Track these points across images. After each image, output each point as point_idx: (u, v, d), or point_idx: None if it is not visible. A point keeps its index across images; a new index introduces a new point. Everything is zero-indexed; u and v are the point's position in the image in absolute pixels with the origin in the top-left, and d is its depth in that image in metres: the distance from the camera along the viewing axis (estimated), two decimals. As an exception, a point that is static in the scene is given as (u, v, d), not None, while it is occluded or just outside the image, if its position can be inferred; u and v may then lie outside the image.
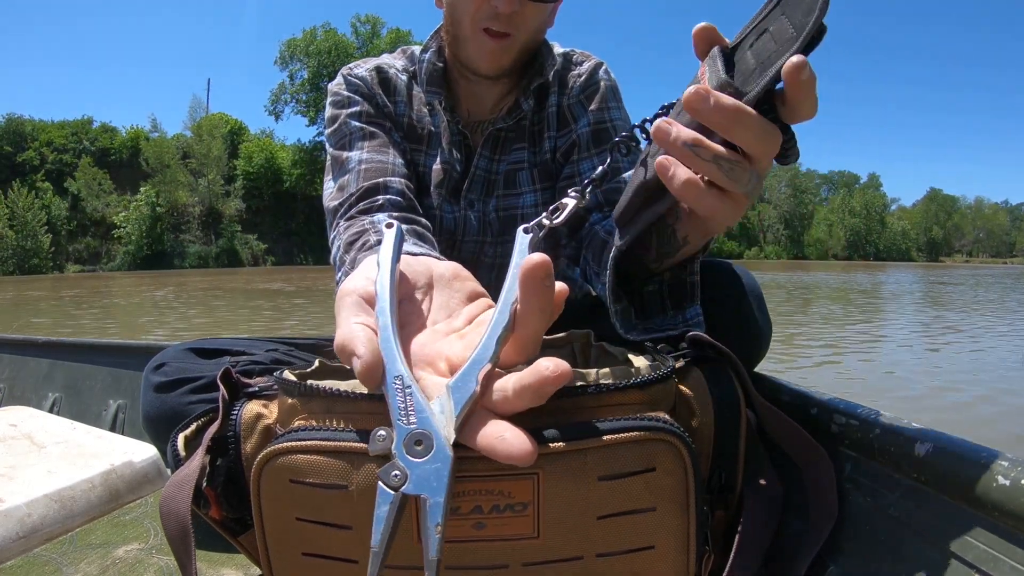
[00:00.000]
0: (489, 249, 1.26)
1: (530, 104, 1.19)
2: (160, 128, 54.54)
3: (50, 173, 49.20)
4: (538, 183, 1.23)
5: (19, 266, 41.78)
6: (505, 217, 1.24)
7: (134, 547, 1.19)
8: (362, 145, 1.14)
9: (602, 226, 1.05)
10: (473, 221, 1.24)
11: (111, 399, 2.04)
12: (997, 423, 4.28)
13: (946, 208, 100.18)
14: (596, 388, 0.57)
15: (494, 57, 1.10)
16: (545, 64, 1.18)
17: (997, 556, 0.57)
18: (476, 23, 1.07)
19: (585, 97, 1.22)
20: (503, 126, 1.20)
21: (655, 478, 0.57)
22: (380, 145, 1.15)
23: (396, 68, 1.26)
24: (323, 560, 0.56)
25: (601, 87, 1.22)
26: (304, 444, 0.54)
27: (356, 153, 1.13)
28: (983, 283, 25.36)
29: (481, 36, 1.07)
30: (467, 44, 1.11)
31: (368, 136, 1.16)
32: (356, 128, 1.16)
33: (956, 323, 10.45)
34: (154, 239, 47.21)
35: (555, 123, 1.23)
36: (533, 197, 1.23)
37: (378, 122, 1.18)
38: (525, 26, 1.08)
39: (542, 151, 1.24)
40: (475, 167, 1.22)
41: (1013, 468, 0.56)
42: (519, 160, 1.23)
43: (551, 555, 0.55)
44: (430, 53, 1.20)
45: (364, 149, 1.13)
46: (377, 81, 1.23)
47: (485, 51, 1.09)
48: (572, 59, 1.26)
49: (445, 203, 1.22)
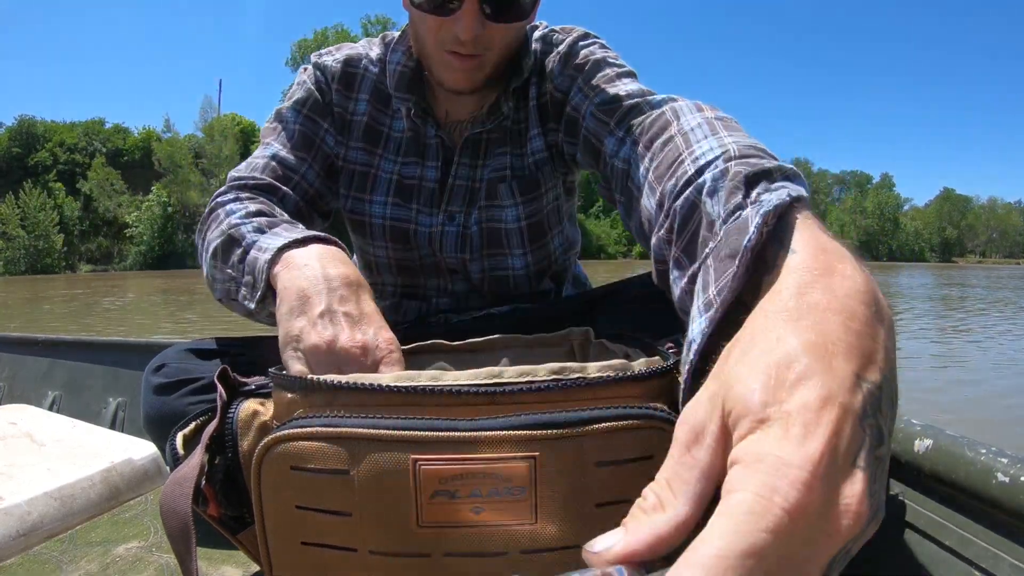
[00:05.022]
0: (473, 265, 1.20)
1: (510, 106, 1.12)
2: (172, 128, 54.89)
3: (62, 173, 49.72)
4: (519, 196, 1.16)
5: (31, 266, 42.22)
6: (488, 230, 1.17)
7: (134, 545, 1.19)
8: (288, 139, 1.13)
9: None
10: (451, 235, 1.17)
11: (111, 397, 2.05)
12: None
13: (959, 208, 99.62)
14: (593, 381, 0.57)
15: (463, 77, 1.02)
16: (523, 63, 1.10)
17: (997, 553, 0.57)
18: (439, 45, 0.99)
19: (572, 69, 1.07)
20: (482, 129, 1.13)
21: (653, 466, 0.56)
22: (301, 149, 1.12)
23: (369, 59, 1.19)
24: (322, 549, 0.56)
25: (581, 53, 1.08)
26: (306, 431, 0.55)
27: (277, 145, 1.12)
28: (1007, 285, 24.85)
29: (447, 57, 1.00)
30: (434, 65, 1.04)
31: (296, 134, 1.13)
32: (291, 119, 1.14)
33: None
34: (165, 239, 47.63)
35: (537, 118, 1.14)
36: (515, 211, 1.16)
37: (315, 119, 1.15)
38: (494, 45, 1.00)
39: (526, 154, 1.16)
40: (453, 176, 1.15)
41: (1012, 465, 0.56)
42: (501, 167, 1.16)
43: (549, 543, 0.55)
44: (399, 55, 1.13)
45: (286, 147, 1.12)
46: (340, 74, 1.17)
47: (453, 72, 1.02)
48: (552, 40, 1.14)
49: (422, 215, 1.17)
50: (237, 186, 1.04)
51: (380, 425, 0.54)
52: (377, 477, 0.53)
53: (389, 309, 1.29)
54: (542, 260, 1.22)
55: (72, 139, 51.15)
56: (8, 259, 41.66)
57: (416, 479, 0.53)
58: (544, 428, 0.53)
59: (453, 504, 0.53)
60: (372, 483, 0.49)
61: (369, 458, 0.53)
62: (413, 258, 1.21)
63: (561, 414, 0.54)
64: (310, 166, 1.13)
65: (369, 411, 0.56)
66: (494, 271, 1.20)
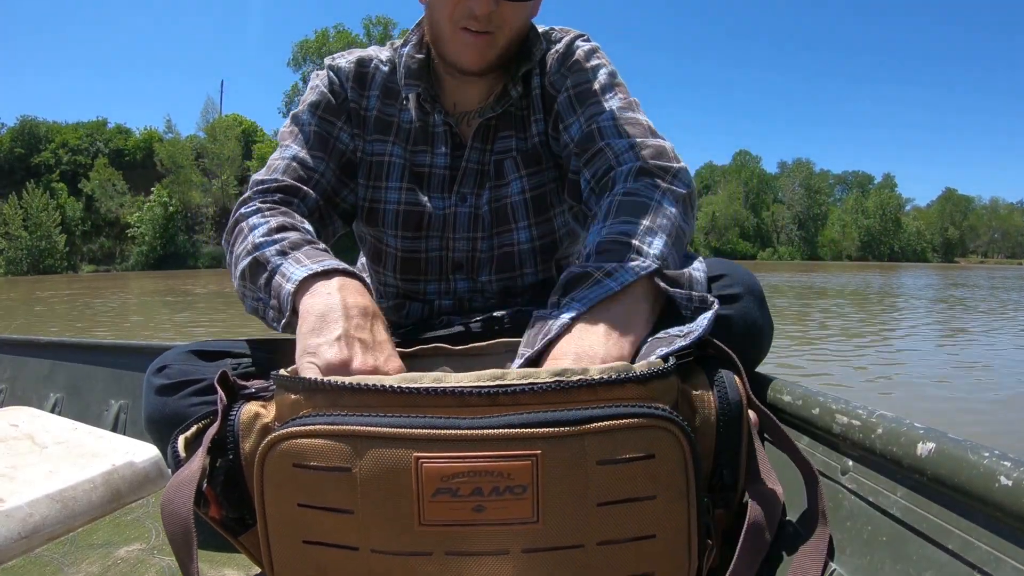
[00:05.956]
0: (483, 244, 1.24)
1: (518, 91, 1.19)
2: (174, 129, 54.87)
3: (65, 174, 49.73)
4: (523, 169, 1.21)
5: (33, 266, 42.26)
6: (497, 209, 1.22)
7: (135, 547, 1.19)
8: (305, 141, 1.18)
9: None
10: (463, 216, 1.22)
11: (112, 399, 2.05)
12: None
13: (961, 208, 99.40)
14: (595, 382, 0.58)
15: (476, 54, 1.08)
16: (532, 49, 1.17)
17: (1000, 557, 0.57)
18: (454, 23, 1.05)
19: (566, 69, 1.18)
20: (492, 115, 1.19)
21: (654, 465, 0.57)
22: (319, 149, 1.18)
23: (380, 59, 1.26)
24: (324, 548, 0.57)
25: (576, 54, 1.19)
26: (308, 429, 0.55)
27: (295, 147, 1.17)
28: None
29: (461, 34, 1.06)
30: (448, 43, 1.10)
31: (313, 135, 1.19)
32: (307, 121, 1.20)
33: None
34: (167, 239, 47.61)
35: (540, 105, 1.21)
36: (519, 184, 1.21)
37: (330, 120, 1.20)
38: (505, 24, 1.06)
39: (530, 135, 1.22)
40: (466, 160, 1.20)
41: (1015, 469, 0.56)
42: (507, 148, 1.21)
43: (551, 542, 0.56)
44: (409, 47, 1.20)
45: (304, 147, 1.18)
46: (354, 74, 1.24)
47: (466, 48, 1.08)
48: (551, 37, 1.23)
49: (434, 199, 1.22)
50: (261, 191, 1.10)
51: (382, 423, 0.54)
52: (379, 475, 0.53)
53: (392, 310, 1.30)
54: (546, 235, 1.24)
55: (75, 140, 51.16)
56: (10, 259, 41.71)
57: (418, 477, 0.53)
58: (545, 426, 0.53)
59: (455, 502, 0.53)
60: (374, 481, 0.49)
61: (371, 456, 0.53)
62: (420, 250, 1.24)
63: (562, 413, 0.54)
64: (327, 164, 1.18)
65: (372, 411, 0.56)
66: (501, 248, 1.23)
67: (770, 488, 0.70)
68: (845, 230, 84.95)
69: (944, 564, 0.62)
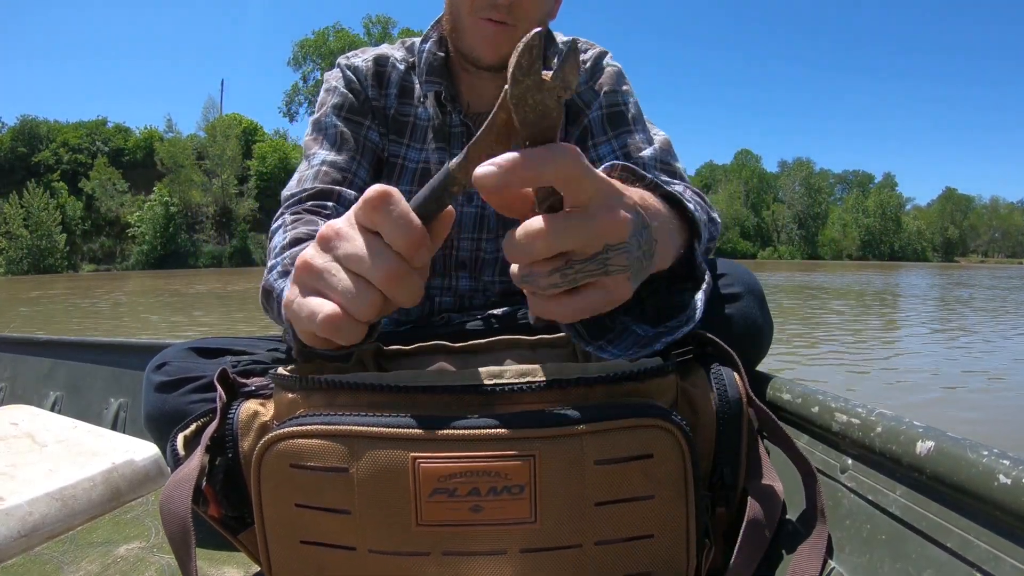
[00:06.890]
0: (488, 244, 1.24)
1: None
2: (175, 128, 54.84)
3: (65, 173, 49.75)
4: None
5: (34, 265, 42.25)
6: None
7: (135, 546, 1.19)
8: (332, 144, 1.15)
9: None
10: (470, 216, 1.22)
11: (112, 397, 2.05)
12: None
13: (962, 208, 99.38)
14: (592, 380, 0.57)
15: (494, 44, 1.08)
16: (548, 53, 1.16)
17: (999, 556, 0.57)
18: (475, 12, 1.05)
19: (594, 83, 1.19)
20: None
21: (652, 465, 0.57)
22: (348, 149, 1.15)
23: (395, 58, 1.25)
24: (321, 548, 0.57)
25: (608, 71, 1.20)
26: (305, 429, 0.55)
27: (323, 152, 1.13)
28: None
29: (480, 24, 1.06)
30: (467, 34, 1.10)
31: (340, 136, 1.15)
32: (332, 124, 1.16)
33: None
34: (168, 239, 47.61)
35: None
36: None
37: (357, 120, 1.18)
38: (525, 16, 1.06)
39: None
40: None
41: (1015, 467, 0.55)
42: None
43: (549, 542, 0.56)
44: (430, 43, 1.20)
45: (332, 149, 1.14)
46: (373, 73, 1.22)
47: (485, 39, 1.07)
48: (575, 47, 1.20)
49: None
50: (290, 204, 1.07)
51: (379, 423, 0.54)
52: (376, 475, 0.53)
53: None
54: None
55: (75, 139, 51.15)
56: (11, 259, 41.72)
57: (415, 477, 0.53)
58: (543, 426, 0.53)
59: (452, 502, 0.53)
60: (371, 481, 0.49)
61: (368, 456, 0.53)
62: None
63: (560, 412, 0.54)
64: (359, 163, 1.16)
65: (369, 409, 0.56)
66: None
67: (770, 486, 0.70)
68: (845, 229, 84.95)
69: (943, 562, 0.62)
